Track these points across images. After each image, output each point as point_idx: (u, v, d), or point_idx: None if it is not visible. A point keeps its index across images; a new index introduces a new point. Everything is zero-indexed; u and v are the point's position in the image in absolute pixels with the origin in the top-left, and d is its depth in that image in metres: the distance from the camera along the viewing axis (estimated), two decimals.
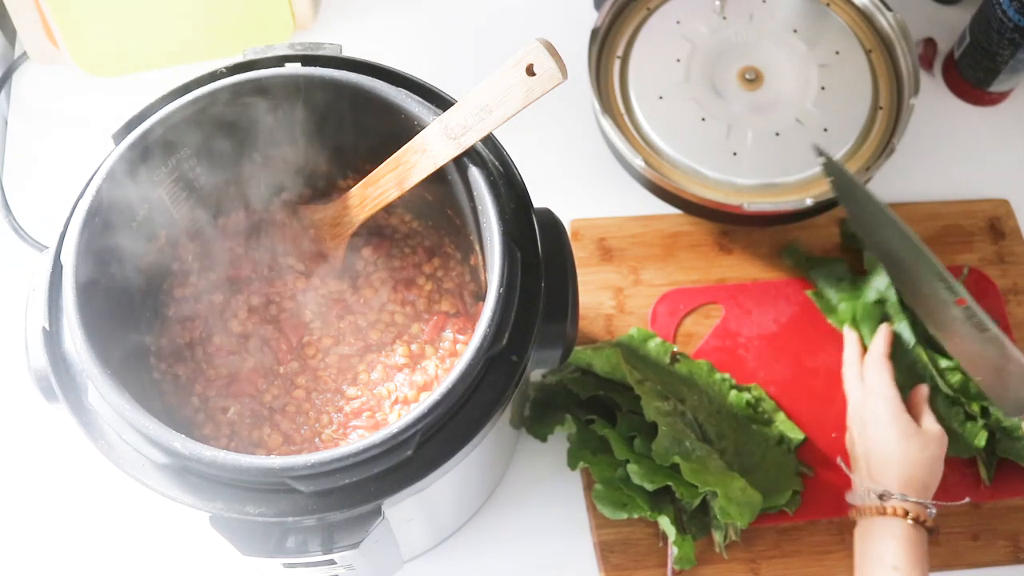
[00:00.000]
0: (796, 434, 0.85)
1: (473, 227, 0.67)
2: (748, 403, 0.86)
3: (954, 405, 0.84)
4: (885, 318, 0.88)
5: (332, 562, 0.60)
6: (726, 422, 0.84)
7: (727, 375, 0.87)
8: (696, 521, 0.81)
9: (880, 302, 0.88)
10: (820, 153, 0.83)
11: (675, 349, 0.89)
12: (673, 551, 0.79)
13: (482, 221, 0.63)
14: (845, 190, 0.84)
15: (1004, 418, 0.83)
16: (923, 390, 0.82)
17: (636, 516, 0.79)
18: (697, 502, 0.79)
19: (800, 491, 0.84)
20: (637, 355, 0.87)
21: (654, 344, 0.88)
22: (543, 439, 0.84)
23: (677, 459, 0.77)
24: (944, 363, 0.85)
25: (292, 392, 0.70)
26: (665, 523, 0.78)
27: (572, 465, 0.82)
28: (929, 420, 0.80)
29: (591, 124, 0.99)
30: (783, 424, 0.86)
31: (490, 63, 0.60)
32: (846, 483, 0.83)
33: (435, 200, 0.72)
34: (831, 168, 0.83)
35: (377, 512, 0.58)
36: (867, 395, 0.81)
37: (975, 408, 0.84)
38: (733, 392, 0.86)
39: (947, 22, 1.07)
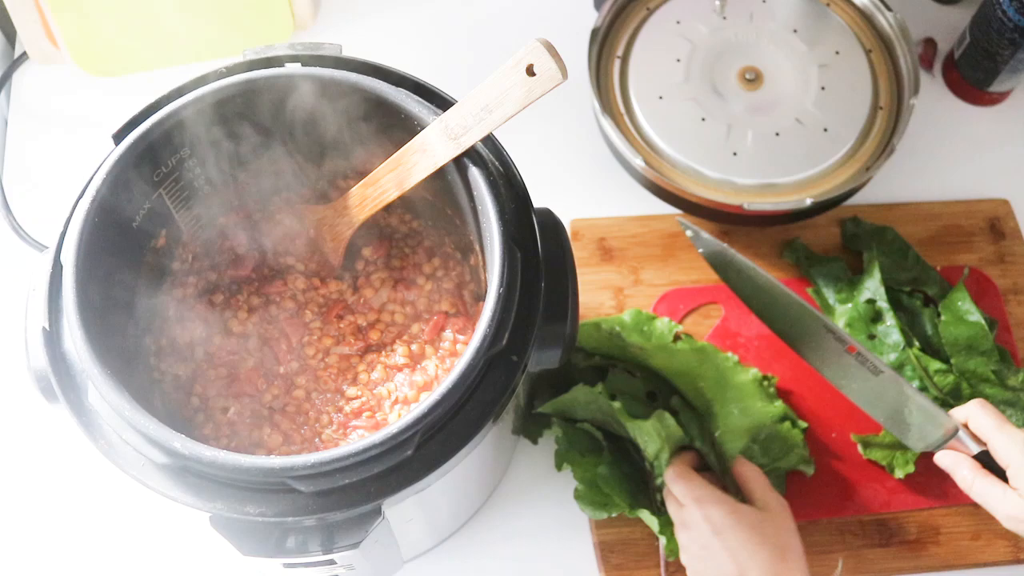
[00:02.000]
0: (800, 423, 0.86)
1: (473, 227, 0.67)
2: (755, 379, 0.85)
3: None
4: (876, 318, 0.88)
5: (332, 562, 0.60)
6: (731, 394, 0.83)
7: (734, 355, 0.87)
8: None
9: (872, 302, 0.89)
10: (686, 227, 0.83)
11: (680, 329, 0.88)
12: (662, 541, 0.79)
13: (482, 221, 0.63)
14: (717, 260, 0.82)
15: None
16: (739, 462, 0.80)
17: (616, 514, 0.79)
18: (660, 482, 0.80)
19: (809, 457, 0.83)
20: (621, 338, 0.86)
21: (660, 324, 0.88)
22: (534, 441, 0.84)
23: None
24: (935, 366, 0.85)
25: (292, 392, 0.70)
26: (646, 516, 0.78)
27: (559, 466, 0.82)
28: (762, 492, 0.77)
29: (591, 124, 0.99)
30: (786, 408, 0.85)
31: (490, 63, 0.60)
32: (846, 482, 0.83)
33: (435, 200, 0.72)
34: (699, 241, 0.83)
35: (377, 512, 0.58)
36: (691, 511, 0.75)
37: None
38: (740, 368, 0.85)
39: (947, 22, 1.07)
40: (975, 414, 0.73)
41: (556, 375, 0.84)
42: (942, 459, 0.74)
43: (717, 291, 0.92)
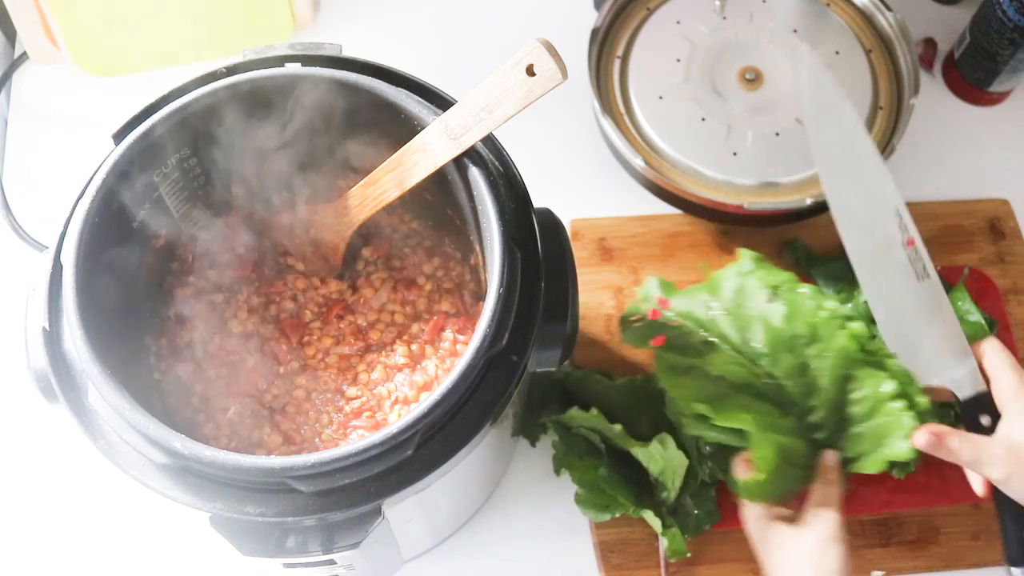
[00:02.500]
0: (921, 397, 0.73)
1: (473, 227, 0.67)
2: (856, 337, 0.74)
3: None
4: None
5: (332, 562, 0.60)
6: (829, 372, 0.74)
7: (836, 308, 0.75)
8: (681, 516, 0.81)
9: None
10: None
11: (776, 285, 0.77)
12: (663, 542, 0.79)
13: (482, 221, 0.63)
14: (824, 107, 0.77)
15: None
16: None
17: (619, 515, 0.79)
18: (674, 495, 0.78)
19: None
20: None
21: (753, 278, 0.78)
22: (532, 443, 0.84)
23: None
24: None
25: (292, 392, 0.70)
26: (649, 516, 0.78)
27: (557, 471, 0.82)
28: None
29: (591, 124, 0.99)
30: (896, 371, 0.73)
31: (490, 63, 0.60)
32: (857, 481, 0.82)
33: (435, 200, 0.72)
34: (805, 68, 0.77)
35: (377, 512, 0.58)
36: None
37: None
38: (841, 329, 0.74)
39: (947, 22, 1.07)
40: (992, 347, 0.70)
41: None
42: (920, 439, 0.69)
43: None
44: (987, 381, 0.72)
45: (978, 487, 0.71)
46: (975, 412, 0.71)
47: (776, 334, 0.76)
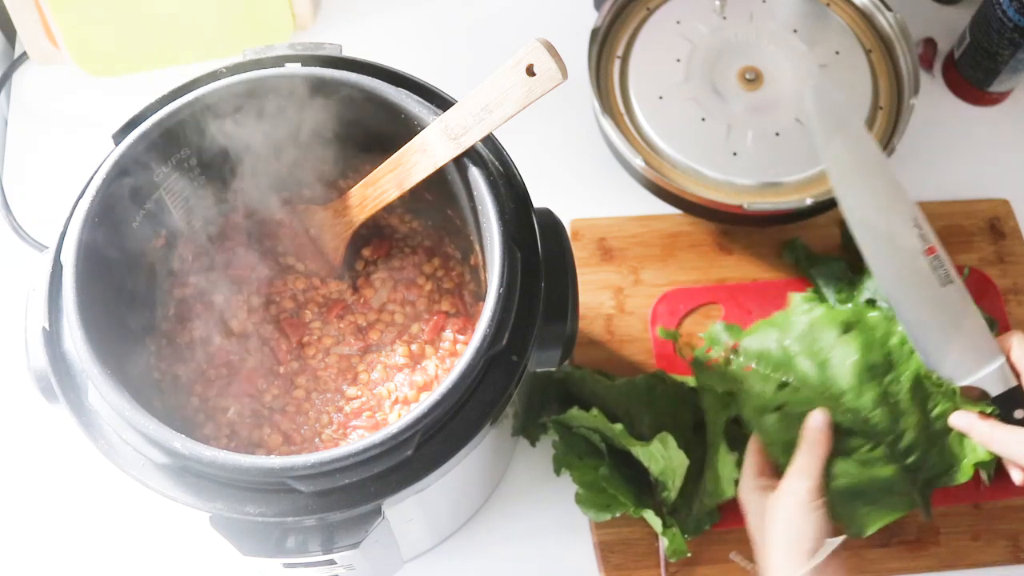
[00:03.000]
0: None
1: (473, 227, 0.67)
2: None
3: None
4: None
5: (332, 562, 0.60)
6: (907, 395, 0.76)
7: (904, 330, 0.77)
8: (682, 516, 0.80)
9: (872, 302, 0.88)
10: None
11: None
12: (664, 542, 0.79)
13: (482, 221, 0.63)
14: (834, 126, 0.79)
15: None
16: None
17: (619, 514, 0.79)
18: (675, 495, 0.78)
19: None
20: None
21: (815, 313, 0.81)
22: (532, 443, 0.84)
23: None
24: None
25: (292, 392, 0.70)
26: (650, 516, 0.78)
27: (557, 471, 0.82)
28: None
29: (591, 124, 0.99)
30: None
31: (490, 63, 0.60)
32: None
33: (435, 200, 0.72)
34: (816, 94, 0.79)
35: (377, 512, 0.58)
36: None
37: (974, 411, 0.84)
38: (913, 353, 0.77)
39: (947, 22, 1.07)
40: (1019, 342, 0.71)
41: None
42: (957, 420, 0.72)
43: (717, 291, 0.92)
44: (1017, 375, 0.72)
45: (1016, 476, 0.72)
46: (1010, 407, 0.71)
47: (858, 367, 0.77)
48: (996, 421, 0.71)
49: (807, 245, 0.94)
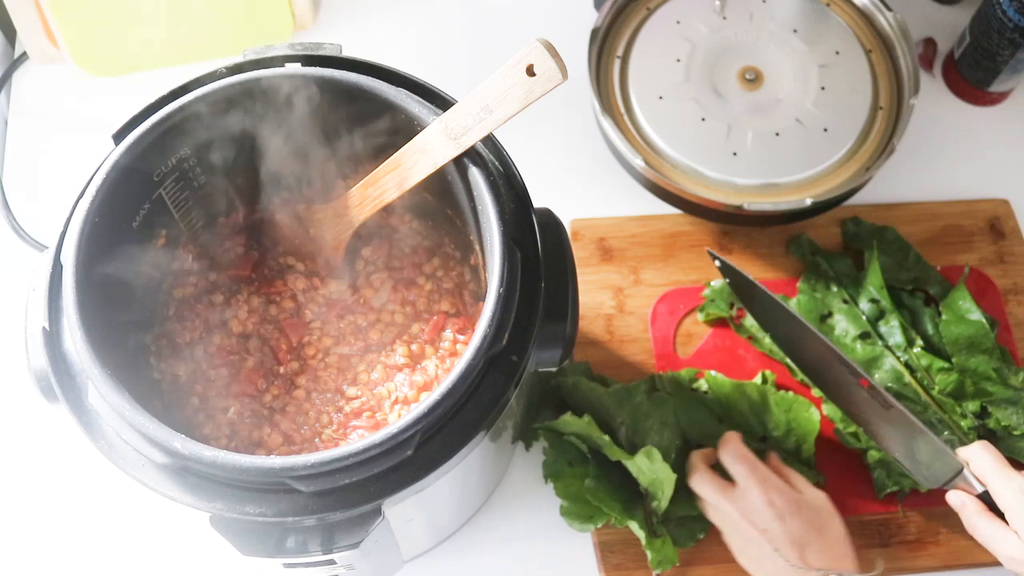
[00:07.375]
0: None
1: (473, 227, 0.67)
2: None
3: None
4: (880, 316, 0.88)
5: (332, 562, 0.60)
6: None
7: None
8: (674, 524, 0.80)
9: (873, 301, 0.88)
10: (715, 257, 0.84)
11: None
12: (649, 555, 0.78)
13: (482, 221, 0.63)
14: (742, 289, 0.84)
15: (1004, 418, 0.83)
16: (734, 439, 0.79)
17: (601, 525, 0.79)
18: (665, 504, 0.78)
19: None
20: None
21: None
22: (527, 447, 0.85)
23: None
24: (938, 364, 0.85)
25: (292, 392, 0.70)
26: (635, 527, 0.78)
27: (545, 480, 0.82)
28: (803, 485, 0.78)
29: (591, 124, 0.99)
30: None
31: (490, 63, 0.60)
32: (847, 482, 0.83)
33: (435, 200, 0.72)
34: (727, 270, 0.84)
35: (377, 512, 0.58)
36: (753, 494, 0.75)
37: (970, 409, 0.84)
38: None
39: (947, 22, 1.07)
40: (976, 455, 0.74)
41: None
42: (952, 498, 0.75)
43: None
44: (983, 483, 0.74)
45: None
46: (993, 502, 0.73)
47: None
48: (984, 509, 0.73)
49: (813, 240, 0.93)
